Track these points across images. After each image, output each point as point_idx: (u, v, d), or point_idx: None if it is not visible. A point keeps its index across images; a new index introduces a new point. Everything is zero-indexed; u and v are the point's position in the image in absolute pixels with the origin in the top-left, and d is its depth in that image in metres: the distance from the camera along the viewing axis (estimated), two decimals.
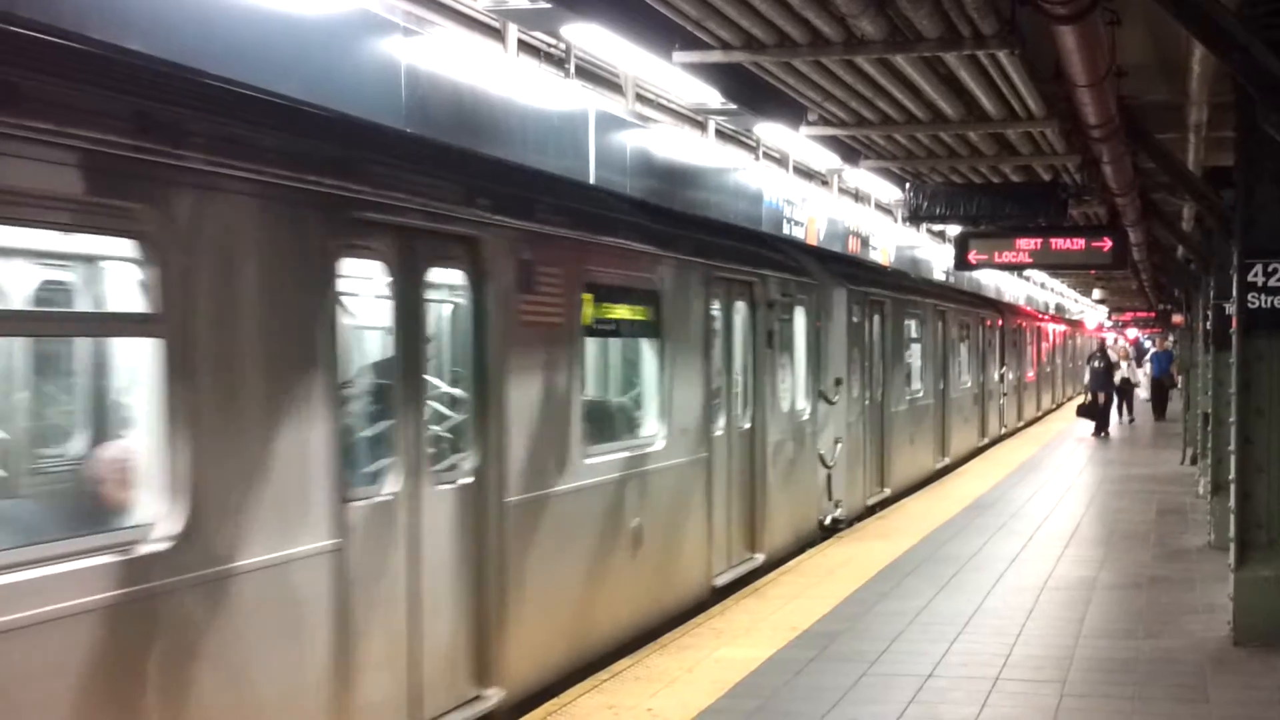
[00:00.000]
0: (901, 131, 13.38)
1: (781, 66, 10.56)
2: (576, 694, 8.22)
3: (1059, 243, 16.16)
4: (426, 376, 7.22)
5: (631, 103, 13.00)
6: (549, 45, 11.42)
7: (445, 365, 7.84)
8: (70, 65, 5.11)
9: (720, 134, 15.80)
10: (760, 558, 12.49)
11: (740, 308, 12.16)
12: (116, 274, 6.08)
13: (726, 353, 11.84)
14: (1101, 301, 58.68)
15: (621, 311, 10.08)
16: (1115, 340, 52.07)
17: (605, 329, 10.00)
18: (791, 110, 12.72)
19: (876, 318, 17.56)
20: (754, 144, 16.82)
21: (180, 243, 5.29)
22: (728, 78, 11.20)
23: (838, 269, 16.31)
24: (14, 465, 6.44)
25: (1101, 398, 30.22)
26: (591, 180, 11.15)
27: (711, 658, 9.13)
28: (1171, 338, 41.74)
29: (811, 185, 18.92)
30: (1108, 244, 16.18)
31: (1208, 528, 14.06)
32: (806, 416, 14.13)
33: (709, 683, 8.49)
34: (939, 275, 27.19)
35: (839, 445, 15.23)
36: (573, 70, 11.74)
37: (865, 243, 21.26)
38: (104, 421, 6.71)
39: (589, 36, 9.89)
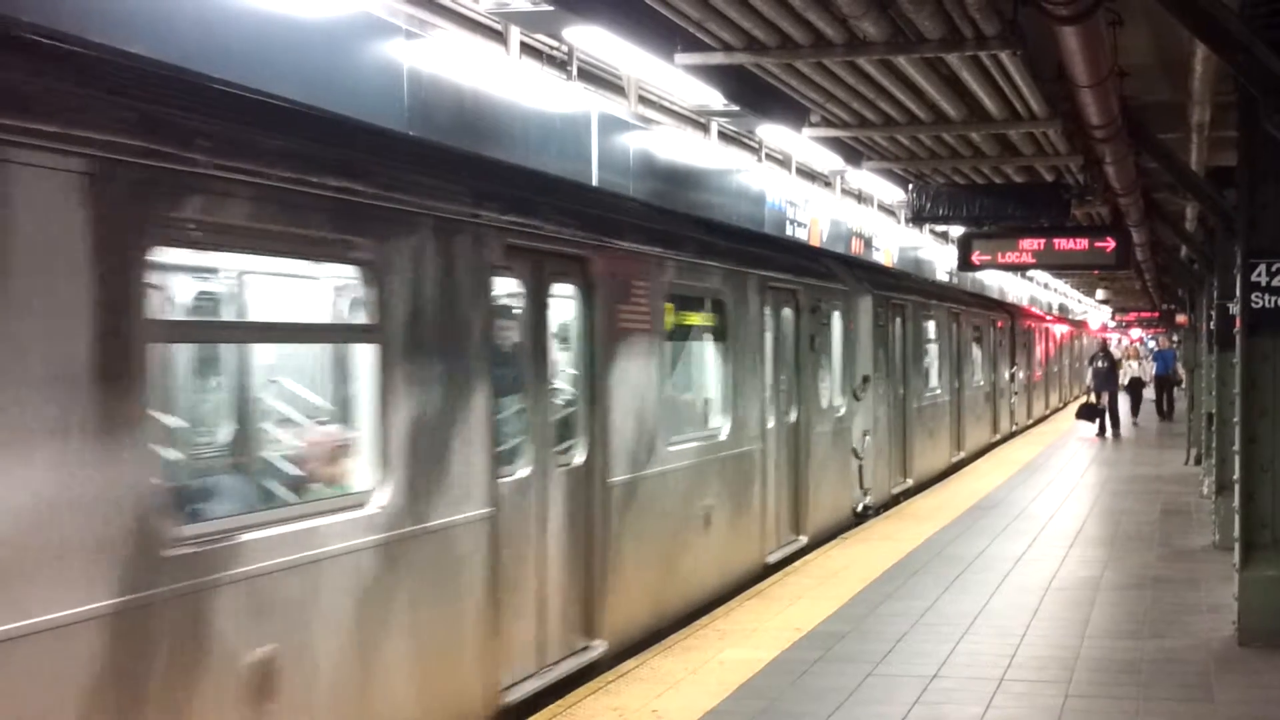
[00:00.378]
0: (904, 132, 13.38)
1: (783, 68, 10.56)
2: (582, 694, 8.22)
3: (1062, 243, 16.16)
4: (550, 375, 8.56)
5: (634, 105, 13.00)
6: (551, 47, 11.43)
7: (562, 366, 9.03)
8: (339, 139, 6.81)
9: (723, 135, 15.80)
10: (804, 539, 13.80)
11: (786, 314, 13.47)
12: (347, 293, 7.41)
13: (776, 354, 13.10)
14: (1105, 302, 58.62)
15: (694, 318, 11.71)
16: (1118, 340, 52.05)
17: (681, 333, 11.48)
18: (794, 112, 12.72)
19: (898, 320, 18.67)
20: (756, 145, 16.83)
21: (390, 268, 6.63)
22: (730, 79, 11.20)
23: (865, 275, 17.34)
24: (257, 445, 7.82)
25: (1104, 398, 30.11)
26: (594, 182, 11.17)
27: (716, 659, 9.13)
28: (1175, 337, 41.64)
29: (814, 186, 18.92)
30: (1111, 244, 16.18)
31: (1212, 528, 14.06)
32: (842, 412, 15.52)
33: (713, 684, 8.49)
34: (945, 277, 27.16)
35: (868, 438, 16.39)
36: (575, 72, 11.74)
37: (868, 244, 21.25)
38: (325, 411, 7.92)
39: (591, 38, 9.89)
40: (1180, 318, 35.48)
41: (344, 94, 7.20)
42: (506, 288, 8.10)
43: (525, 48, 11.06)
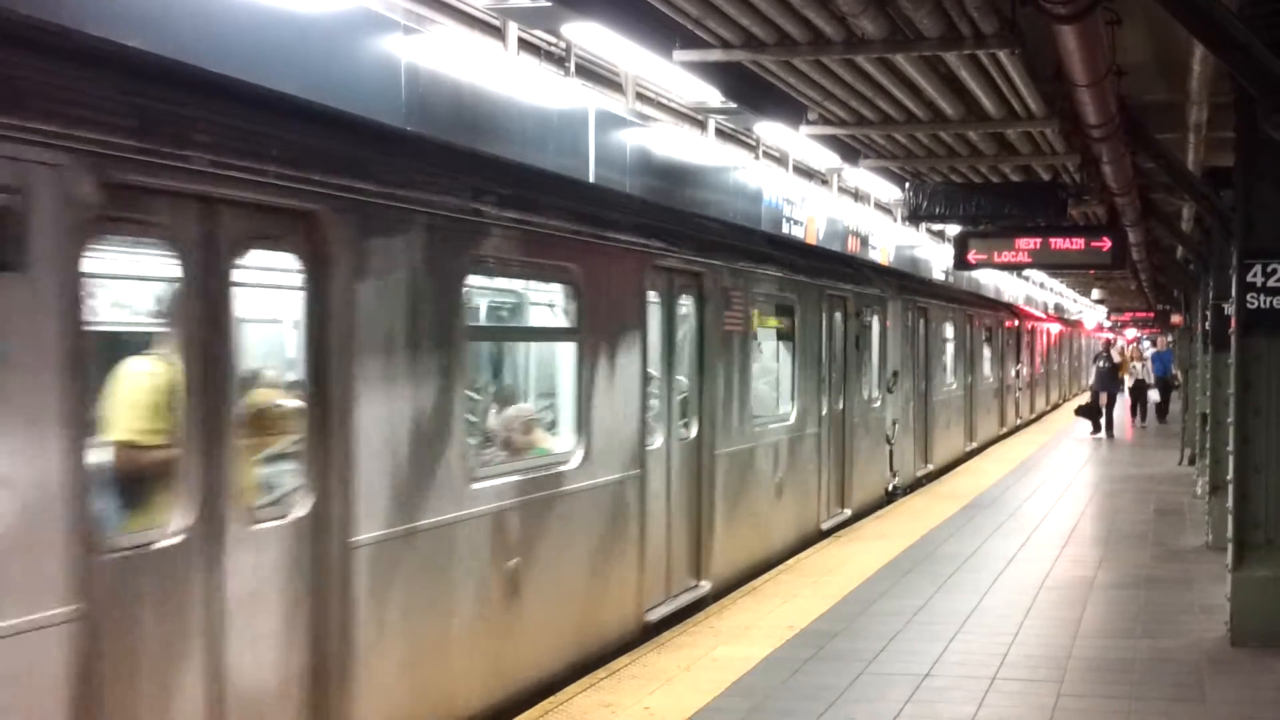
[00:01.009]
0: (901, 131, 13.38)
1: (781, 65, 10.56)
2: (574, 692, 8.23)
3: (1058, 242, 16.16)
4: (675, 367, 10.81)
5: (631, 101, 12.99)
6: (549, 44, 11.42)
7: (682, 360, 11.02)
8: (576, 195, 9.82)
9: (720, 133, 15.80)
10: (849, 512, 16.16)
11: (838, 318, 15.72)
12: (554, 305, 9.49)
13: (830, 352, 15.33)
14: (1100, 301, 58.69)
15: (773, 322, 13.95)
16: (1115, 340, 52.08)
17: (764, 334, 13.68)
18: (791, 109, 12.72)
19: (922, 322, 21.03)
20: (754, 143, 16.83)
21: (588, 286, 8.94)
22: (728, 76, 11.20)
23: (895, 282, 19.61)
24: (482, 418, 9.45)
25: (1104, 398, 30.11)
26: (591, 179, 11.18)
27: (709, 656, 9.13)
28: (1170, 338, 41.62)
29: (811, 184, 18.91)
30: (1107, 244, 16.18)
31: (1206, 528, 14.07)
32: (877, 403, 17.80)
33: (706, 681, 8.49)
34: (941, 276, 27.25)
35: (896, 426, 18.75)
36: (573, 69, 11.74)
37: (865, 242, 21.25)
38: (527, 392, 10.09)
39: (589, 35, 9.89)
40: (1175, 318, 35.52)
41: (343, 89, 7.20)
42: (650, 299, 10.28)
43: (523, 44, 11.06)
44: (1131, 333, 64.55)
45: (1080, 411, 31.35)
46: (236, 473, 5.74)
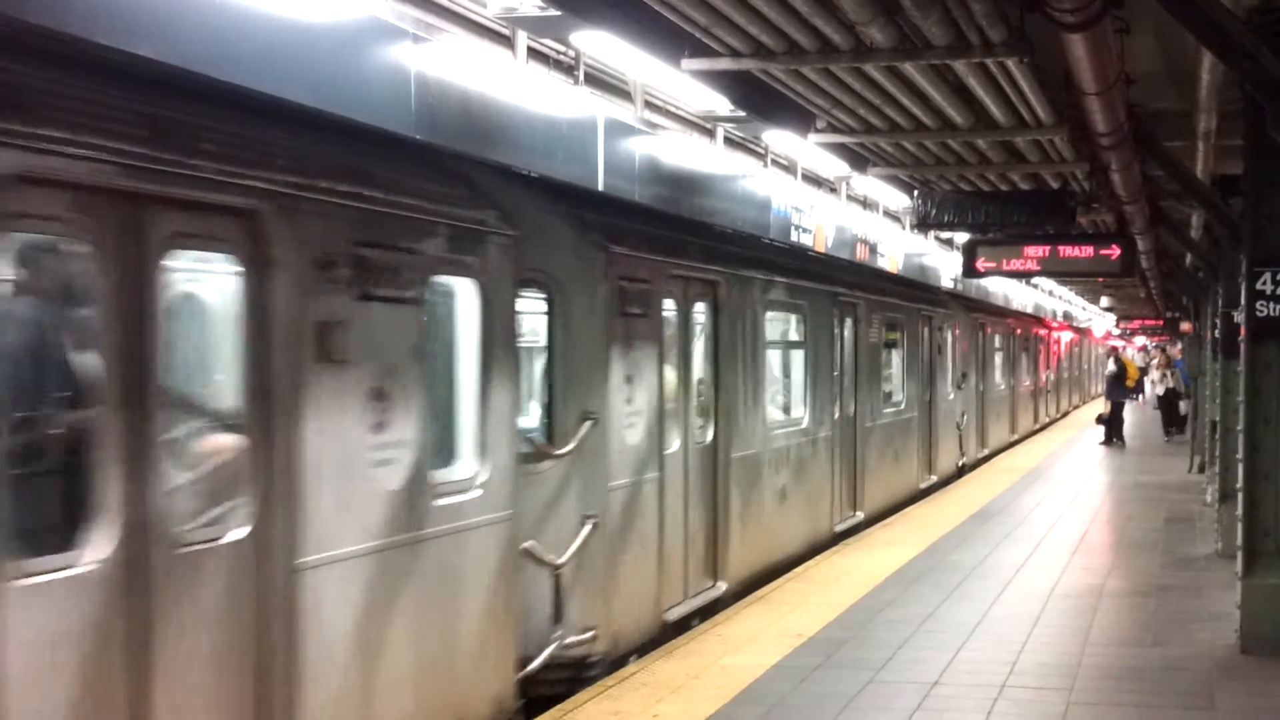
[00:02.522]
0: (910, 139, 13.37)
1: (790, 74, 10.56)
2: (581, 700, 8.23)
3: (1067, 250, 16.15)
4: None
5: (640, 110, 13.00)
6: (558, 52, 11.43)
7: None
8: (796, 256, 14.26)
9: (729, 141, 15.80)
10: (935, 478, 21.07)
11: (925, 331, 20.73)
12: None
13: (930, 360, 20.92)
14: (1109, 309, 58.55)
15: (891, 335, 18.51)
16: (1123, 348, 51.94)
17: (886, 344, 18.27)
18: (800, 117, 12.72)
19: (981, 333, 26.34)
20: (762, 151, 16.83)
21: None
22: (736, 85, 11.20)
23: (961, 302, 24.59)
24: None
25: (1107, 407, 29.98)
26: (600, 187, 11.18)
27: (717, 664, 9.13)
28: (1179, 345, 41.42)
29: (820, 192, 18.92)
30: (1116, 252, 16.16)
31: (1215, 536, 14.05)
32: (951, 398, 22.76)
33: (714, 689, 8.49)
34: (950, 284, 27.38)
35: (965, 417, 24.01)
36: (582, 77, 11.75)
37: (874, 250, 21.27)
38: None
39: (598, 44, 9.89)
40: (1185, 325, 35.28)
41: (352, 98, 7.21)
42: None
43: (532, 53, 11.07)
44: (1141, 340, 64.40)
45: (1100, 420, 31.07)
46: None
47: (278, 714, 5.75)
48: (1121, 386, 30.86)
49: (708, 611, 10.95)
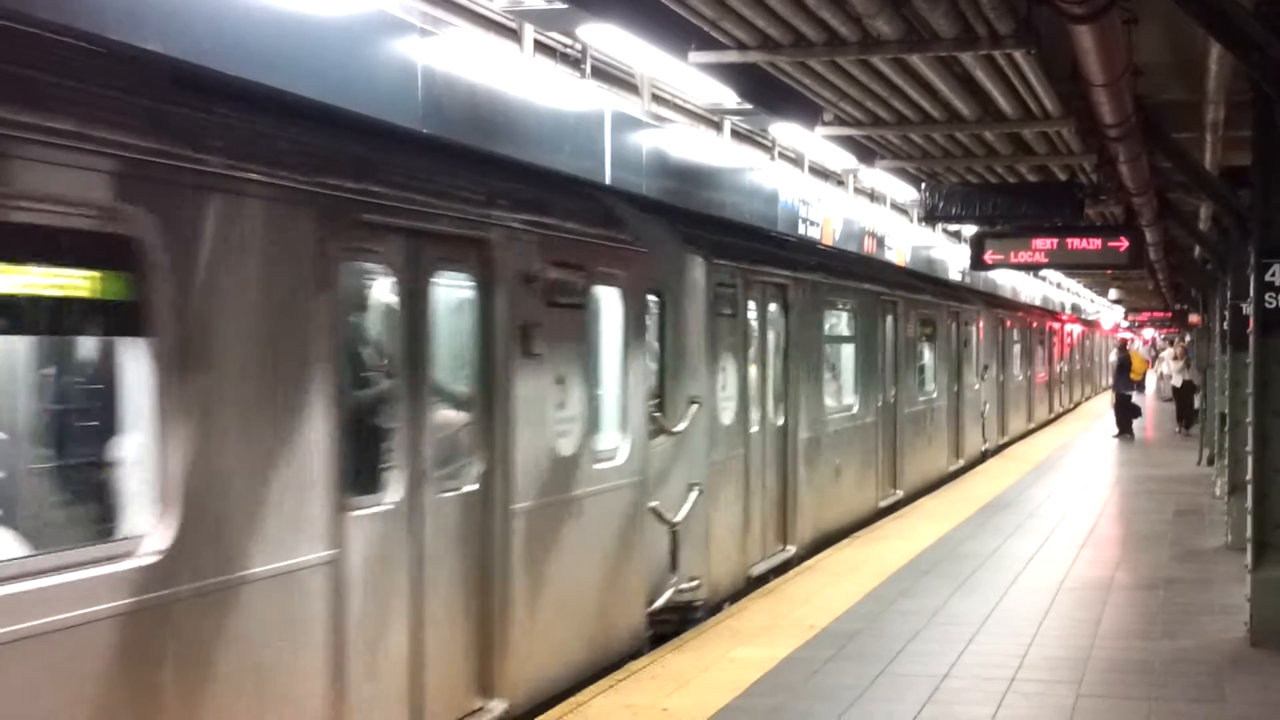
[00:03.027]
0: (917, 131, 13.37)
1: (797, 66, 10.56)
2: (592, 694, 8.23)
3: (1075, 242, 16.13)
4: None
5: (647, 103, 13.00)
6: (565, 45, 11.43)
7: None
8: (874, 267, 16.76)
9: (736, 134, 15.80)
10: (963, 462, 22.72)
11: (954, 329, 22.18)
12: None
13: (958, 353, 22.44)
14: (1118, 301, 58.52)
15: (925, 329, 20.05)
16: (1131, 340, 51.86)
17: (921, 338, 19.85)
18: (807, 110, 12.71)
19: (1001, 327, 27.41)
20: (769, 144, 16.83)
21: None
22: (743, 78, 11.20)
23: (980, 300, 25.78)
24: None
25: (1112, 399, 29.90)
26: (608, 180, 11.19)
27: (728, 657, 9.13)
28: (1188, 338, 41.33)
29: (827, 185, 18.92)
30: (1124, 244, 16.14)
31: (1225, 528, 14.03)
32: (977, 388, 24.33)
33: (725, 682, 8.49)
34: (958, 276, 27.48)
35: (988, 406, 25.30)
36: (589, 70, 11.75)
37: (881, 243, 21.28)
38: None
39: (605, 37, 9.89)
40: (1193, 318, 35.16)
41: (360, 91, 7.21)
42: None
43: (539, 45, 11.07)
44: (1150, 333, 64.32)
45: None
46: None
47: (495, 616, 7.61)
48: (1125, 378, 30.67)
49: (779, 571, 12.58)
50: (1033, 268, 23.12)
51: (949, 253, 27.37)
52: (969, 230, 19.57)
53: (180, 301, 5.14)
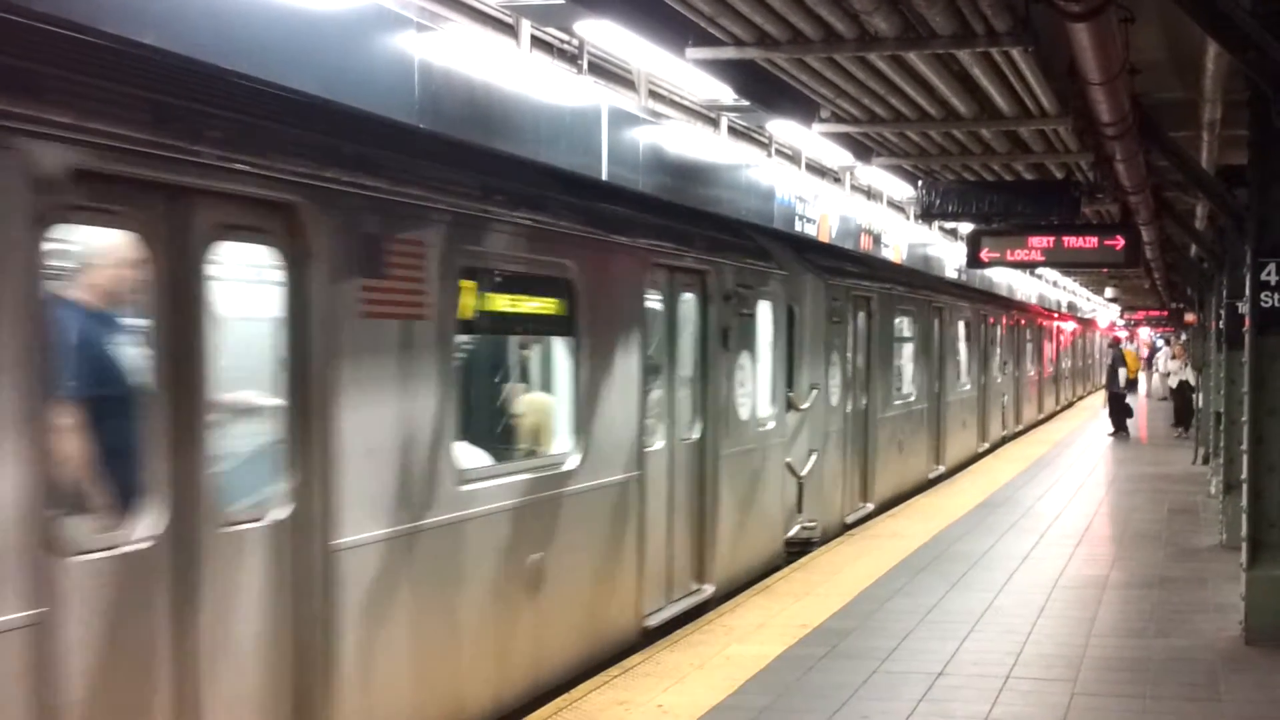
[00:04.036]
0: (914, 129, 13.38)
1: (794, 63, 10.56)
2: (587, 689, 8.23)
3: (1071, 241, 16.13)
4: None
5: (644, 99, 12.99)
6: (562, 41, 11.42)
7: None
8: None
9: (733, 130, 15.79)
10: (987, 445, 25.74)
11: (983, 327, 25.36)
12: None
13: (985, 350, 25.69)
14: (1114, 300, 58.55)
15: (961, 330, 23.43)
16: (1125, 339, 51.87)
17: (959, 337, 23.23)
18: (804, 107, 12.71)
19: (1014, 327, 30.05)
20: (766, 141, 16.82)
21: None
22: (741, 74, 11.19)
23: (1003, 301, 29.70)
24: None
25: (1105, 398, 29.95)
26: (604, 176, 11.18)
27: (722, 654, 9.13)
28: (1183, 336, 41.32)
29: (824, 182, 18.91)
30: (1120, 242, 16.14)
31: (1220, 527, 14.04)
32: (1000, 381, 27.75)
33: (720, 679, 8.49)
34: (954, 274, 27.46)
35: (1005, 397, 28.42)
36: (586, 66, 11.73)
37: (877, 240, 21.27)
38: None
39: (602, 32, 9.89)
40: (1189, 316, 35.15)
41: (357, 86, 7.20)
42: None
43: (536, 41, 11.06)
44: (1146, 332, 64.35)
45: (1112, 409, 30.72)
46: None
47: (707, 530, 10.85)
48: (1119, 377, 30.56)
49: (860, 523, 15.53)
50: (1029, 266, 23.07)
51: (931, 244, 27.63)
52: (965, 228, 19.58)
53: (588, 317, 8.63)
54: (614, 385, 8.96)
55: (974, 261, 16.40)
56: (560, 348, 8.78)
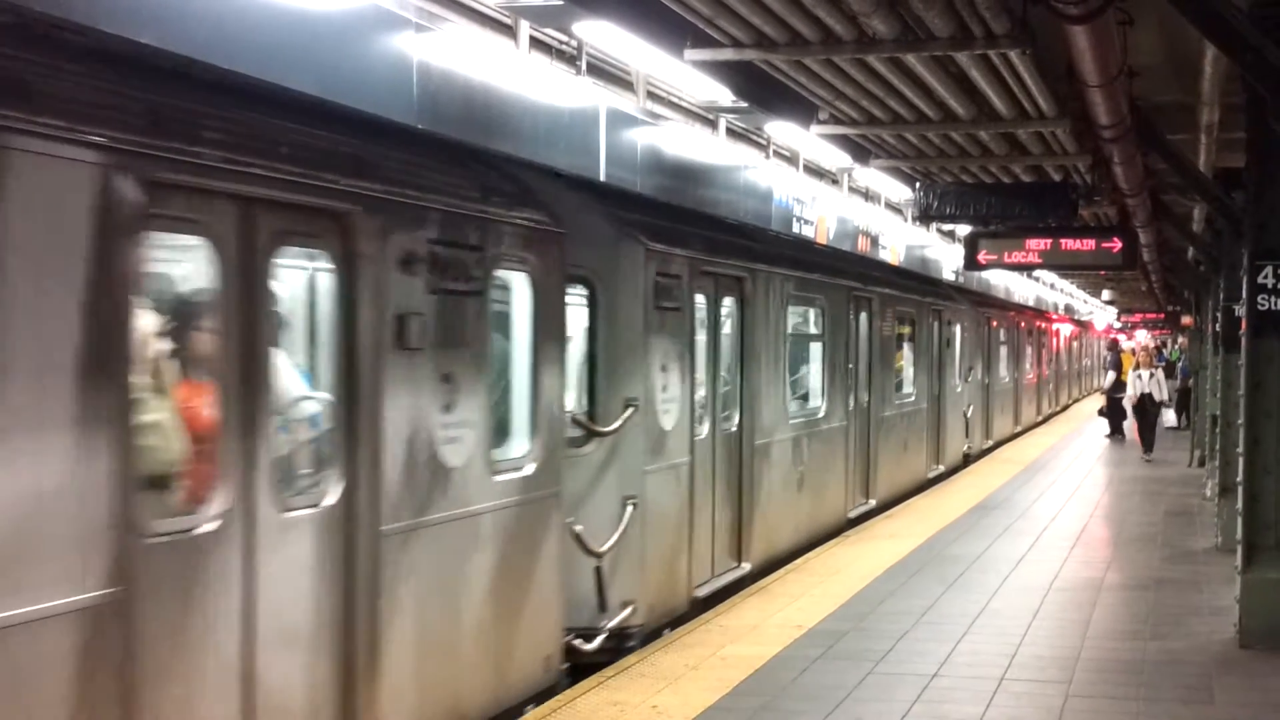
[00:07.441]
0: (912, 131, 13.36)
1: (793, 65, 10.55)
2: (582, 690, 8.24)
3: (1069, 243, 16.15)
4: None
5: (642, 100, 12.98)
6: (561, 42, 11.42)
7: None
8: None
9: (731, 132, 15.79)
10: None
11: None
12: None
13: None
14: (1111, 303, 58.51)
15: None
16: (1131, 340, 51.82)
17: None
18: (802, 109, 12.70)
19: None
20: (764, 142, 16.82)
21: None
22: (739, 75, 11.18)
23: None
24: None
25: (1104, 402, 29.98)
26: (602, 177, 11.17)
27: (717, 655, 9.14)
28: (1180, 339, 41.29)
29: (821, 184, 18.91)
30: (1118, 245, 16.16)
31: (1215, 530, 14.06)
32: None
33: (714, 680, 8.49)
34: (951, 276, 27.44)
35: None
36: (584, 67, 11.73)
37: (875, 242, 21.27)
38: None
39: (601, 33, 9.88)
40: (1186, 319, 35.15)
41: (354, 87, 7.20)
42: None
43: (535, 42, 11.05)
44: (1143, 335, 64.34)
45: (1101, 413, 30.98)
46: None
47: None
48: (1116, 380, 30.51)
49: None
50: (1026, 268, 23.12)
51: (929, 246, 27.44)
52: (963, 230, 19.59)
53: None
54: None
55: (971, 263, 16.40)
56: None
